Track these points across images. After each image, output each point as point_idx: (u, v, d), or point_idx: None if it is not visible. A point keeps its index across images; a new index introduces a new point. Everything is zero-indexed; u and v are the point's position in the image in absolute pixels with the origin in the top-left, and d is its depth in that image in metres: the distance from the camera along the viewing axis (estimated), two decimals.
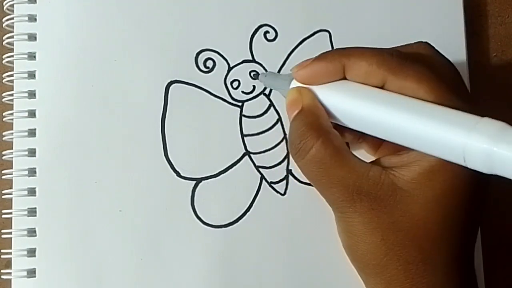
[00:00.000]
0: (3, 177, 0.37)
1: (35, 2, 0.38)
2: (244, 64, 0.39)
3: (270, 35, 0.39)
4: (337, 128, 0.31)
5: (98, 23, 0.38)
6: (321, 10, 0.40)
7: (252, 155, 0.38)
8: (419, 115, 0.27)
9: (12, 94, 0.37)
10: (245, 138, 0.38)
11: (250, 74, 0.39)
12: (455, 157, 0.26)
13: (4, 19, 0.38)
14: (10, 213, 0.36)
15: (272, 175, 0.38)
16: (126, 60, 0.38)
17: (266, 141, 0.38)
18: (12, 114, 0.37)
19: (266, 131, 0.38)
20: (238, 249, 0.37)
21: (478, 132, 0.25)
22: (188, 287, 0.37)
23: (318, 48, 0.39)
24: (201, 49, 0.39)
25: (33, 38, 0.38)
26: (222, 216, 0.38)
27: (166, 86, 0.38)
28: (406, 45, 0.33)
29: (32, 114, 0.37)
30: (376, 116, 0.29)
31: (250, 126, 0.38)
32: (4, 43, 0.38)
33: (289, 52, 0.39)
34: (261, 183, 0.38)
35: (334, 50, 0.31)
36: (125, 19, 0.39)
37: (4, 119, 0.38)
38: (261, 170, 0.38)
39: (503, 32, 0.43)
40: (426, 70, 0.29)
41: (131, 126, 0.38)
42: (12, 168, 0.37)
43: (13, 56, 0.38)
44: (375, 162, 0.31)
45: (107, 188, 0.37)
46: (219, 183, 0.38)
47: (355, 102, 0.30)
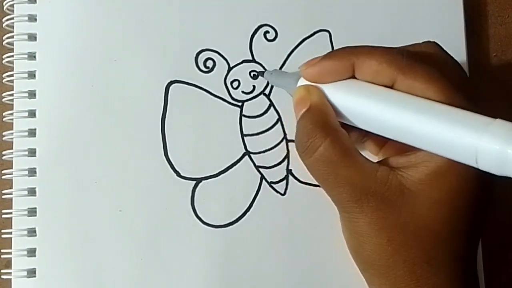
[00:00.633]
0: (3, 177, 0.37)
1: (35, 2, 0.38)
2: (244, 64, 0.39)
3: (270, 35, 0.39)
4: (345, 128, 0.31)
5: (98, 23, 0.38)
6: (321, 10, 0.40)
7: (252, 155, 0.38)
8: (431, 116, 0.27)
9: (12, 94, 0.37)
10: (245, 138, 0.38)
11: (250, 74, 0.39)
12: (467, 158, 0.26)
13: (4, 19, 0.38)
14: (10, 213, 0.36)
15: (272, 175, 0.38)
16: (126, 60, 0.38)
17: (266, 141, 0.38)
18: (12, 114, 0.37)
19: (266, 131, 0.38)
20: (238, 249, 0.37)
21: (491, 133, 0.25)
22: (188, 287, 0.37)
23: (318, 48, 0.39)
24: (201, 49, 0.39)
25: (33, 38, 0.38)
26: (222, 216, 0.38)
27: (166, 86, 0.38)
28: (414, 44, 0.33)
29: (32, 114, 0.37)
30: (385, 115, 0.29)
31: (250, 126, 0.38)
32: (4, 43, 0.38)
33: (289, 52, 0.39)
34: (261, 183, 0.38)
35: (343, 48, 0.31)
36: (125, 19, 0.39)
37: (4, 119, 0.38)
38: (261, 170, 0.38)
39: (503, 32, 0.43)
40: (436, 71, 0.29)
41: (131, 126, 0.38)
42: (12, 168, 0.37)
43: (13, 56, 0.38)
44: (382, 162, 0.31)
45: (107, 188, 0.37)
46: (219, 183, 0.38)
47: (365, 101, 0.29)
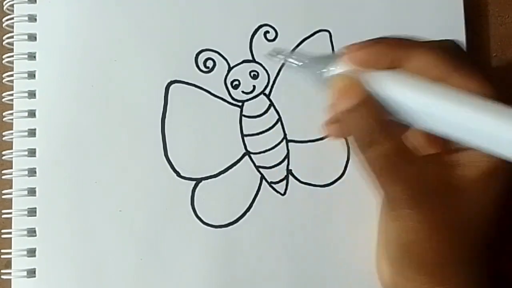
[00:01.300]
0: (3, 177, 0.37)
1: (35, 2, 0.38)
2: (244, 64, 0.39)
3: (270, 35, 0.39)
4: None
5: (98, 23, 0.38)
6: (321, 10, 0.40)
7: (252, 155, 0.38)
8: (489, 113, 0.26)
9: (12, 94, 0.37)
10: (245, 138, 0.38)
11: (250, 74, 0.39)
12: None
13: (4, 19, 0.38)
14: (10, 213, 0.36)
15: (272, 175, 0.38)
16: (126, 60, 0.38)
17: (266, 141, 0.38)
18: (12, 114, 0.37)
19: (266, 131, 0.38)
20: (238, 249, 0.37)
21: None
22: (188, 287, 0.37)
23: (318, 48, 0.39)
24: (201, 49, 0.39)
25: (33, 38, 0.38)
26: (222, 216, 0.38)
27: (166, 86, 0.38)
28: (434, 41, 0.32)
29: (32, 114, 0.37)
30: (441, 111, 0.27)
31: (250, 126, 0.38)
32: (4, 43, 0.38)
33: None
34: (261, 183, 0.38)
35: (395, 37, 0.30)
36: (125, 19, 0.39)
37: (4, 119, 0.38)
38: (261, 170, 0.38)
39: (503, 32, 0.43)
40: (482, 72, 0.29)
41: (131, 126, 0.38)
42: (12, 168, 0.37)
43: (13, 56, 0.38)
44: (433, 161, 0.30)
45: (107, 188, 0.37)
46: (219, 183, 0.38)
47: (418, 95, 0.28)
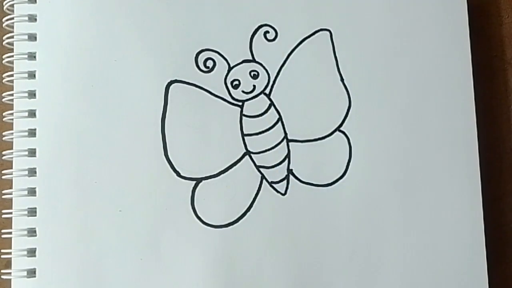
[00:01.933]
0: (3, 177, 0.37)
1: (35, 2, 0.38)
2: (244, 64, 0.39)
3: (270, 35, 0.39)
4: None
5: (98, 23, 0.38)
6: (321, 9, 0.40)
7: (252, 155, 0.38)
8: None
9: (12, 94, 0.37)
10: (245, 137, 0.38)
11: (250, 73, 0.39)
12: None
13: (4, 19, 0.38)
14: (10, 213, 0.36)
15: (272, 175, 0.38)
16: (126, 60, 0.38)
17: (267, 140, 0.38)
18: (12, 114, 0.37)
19: (266, 131, 0.38)
20: (238, 249, 0.37)
21: None
22: (188, 287, 0.37)
23: (318, 47, 0.39)
24: (201, 49, 0.39)
25: (33, 38, 0.38)
26: (223, 216, 0.38)
27: (166, 86, 0.38)
28: None
29: (32, 114, 0.37)
30: None
31: (251, 125, 0.38)
32: (4, 43, 0.38)
33: (289, 51, 0.39)
34: (261, 183, 0.38)
35: None
36: (125, 19, 0.39)
37: (4, 119, 0.38)
38: (261, 169, 0.38)
39: (503, 32, 0.43)
40: None
41: (131, 126, 0.38)
42: (12, 168, 0.37)
43: (13, 56, 0.38)
44: None
45: (107, 188, 0.37)
46: (219, 183, 0.38)
47: None
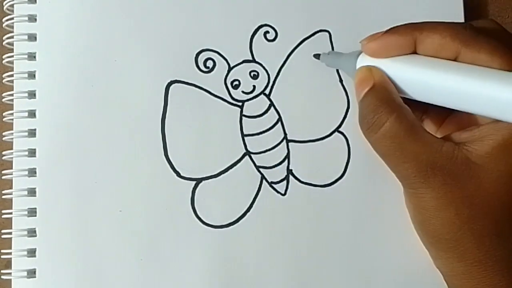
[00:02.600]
0: (3, 177, 0.37)
1: (35, 2, 0.38)
2: (244, 64, 0.39)
3: (270, 35, 0.39)
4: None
5: (98, 23, 0.38)
6: (321, 10, 0.40)
7: (252, 155, 0.38)
8: (498, 81, 0.27)
9: (12, 94, 0.37)
10: (245, 138, 0.38)
11: (250, 74, 0.39)
12: None
13: (4, 19, 0.38)
14: (10, 213, 0.36)
15: (272, 175, 0.38)
16: (126, 60, 0.38)
17: (267, 141, 0.38)
18: (12, 114, 0.37)
19: (266, 131, 0.38)
20: (238, 249, 0.37)
21: None
22: (188, 287, 0.37)
23: (318, 48, 0.39)
24: (201, 49, 0.39)
25: (33, 38, 0.38)
26: (222, 216, 0.38)
27: (166, 86, 0.38)
28: (474, 21, 0.33)
29: (32, 114, 0.37)
30: (451, 84, 0.29)
31: (250, 126, 0.38)
32: (4, 43, 0.38)
33: (289, 52, 0.39)
34: (261, 183, 0.38)
35: (406, 24, 0.31)
36: (125, 19, 0.39)
37: (4, 119, 0.38)
38: (261, 170, 0.38)
39: None
40: (499, 43, 0.29)
41: (131, 126, 0.38)
42: (12, 168, 0.37)
43: (13, 56, 0.38)
44: (446, 138, 0.31)
45: (107, 188, 0.37)
46: (219, 183, 0.38)
47: (428, 72, 0.30)
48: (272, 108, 0.39)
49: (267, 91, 0.39)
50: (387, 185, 0.38)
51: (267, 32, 0.39)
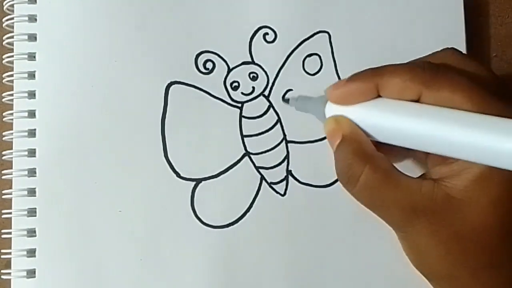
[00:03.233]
0: (3, 177, 0.37)
1: (35, 2, 0.38)
2: (243, 65, 0.39)
3: (270, 37, 0.39)
4: (382, 147, 0.31)
5: (98, 24, 0.38)
6: (320, 11, 0.40)
7: (252, 156, 0.38)
8: (462, 124, 0.27)
9: (12, 94, 0.37)
10: (245, 138, 0.38)
11: (250, 75, 0.39)
12: (507, 165, 0.26)
13: (4, 19, 0.38)
14: (10, 213, 0.36)
15: (272, 176, 0.38)
16: (126, 60, 0.38)
17: (266, 141, 0.38)
18: (12, 114, 0.37)
19: (265, 132, 0.38)
20: (238, 249, 0.37)
21: None
22: (187, 287, 0.37)
23: (317, 49, 0.39)
24: (200, 50, 0.39)
25: (33, 38, 0.38)
26: (222, 216, 0.38)
27: (166, 87, 0.38)
28: (434, 53, 0.33)
29: (32, 114, 0.37)
30: (415, 129, 0.29)
31: (250, 127, 0.38)
32: (4, 43, 0.38)
33: (288, 53, 0.39)
34: (261, 184, 0.38)
35: (367, 69, 0.31)
36: (125, 20, 0.39)
37: (4, 119, 0.38)
38: (261, 170, 0.38)
39: (503, 32, 0.43)
40: (460, 79, 0.29)
41: (131, 126, 0.38)
42: (12, 168, 0.37)
43: (13, 56, 0.38)
44: (425, 175, 0.31)
45: (107, 188, 0.37)
46: (219, 184, 0.38)
47: (393, 117, 0.30)
48: (271, 109, 0.39)
49: (266, 93, 0.39)
50: None
51: (267, 33, 0.39)
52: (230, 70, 0.39)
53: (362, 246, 0.38)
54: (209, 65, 0.39)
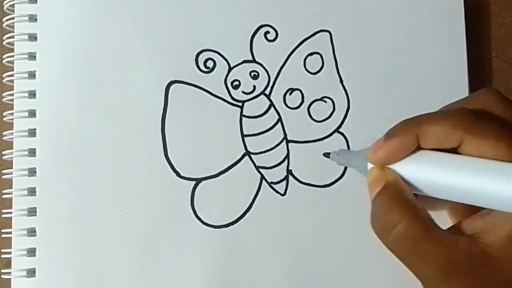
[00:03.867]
0: (3, 177, 0.37)
1: (36, 2, 0.38)
2: (244, 64, 0.39)
3: (271, 35, 0.39)
4: (420, 197, 0.31)
5: (98, 23, 0.38)
6: (321, 10, 0.40)
7: (252, 155, 0.38)
8: (504, 176, 0.27)
9: (12, 94, 0.37)
10: (245, 138, 0.38)
11: (250, 74, 0.39)
12: None
13: (4, 19, 0.38)
14: (10, 213, 0.36)
15: (272, 175, 0.38)
16: (126, 60, 0.38)
17: (266, 141, 0.38)
18: (12, 114, 0.37)
19: (266, 131, 0.38)
20: (238, 249, 0.37)
21: None
22: (188, 287, 0.37)
23: (319, 48, 0.39)
24: (201, 49, 0.39)
25: (33, 38, 0.38)
26: (222, 216, 0.38)
27: (167, 86, 0.38)
28: (475, 94, 0.32)
29: (32, 114, 0.37)
30: (457, 183, 0.28)
31: (250, 126, 0.38)
32: (4, 43, 0.38)
33: (289, 52, 0.39)
34: (261, 183, 0.38)
35: (403, 122, 0.31)
36: (125, 19, 0.39)
37: (4, 119, 0.38)
38: (261, 170, 0.38)
39: (503, 32, 0.43)
40: (502, 128, 0.28)
41: (131, 126, 0.38)
42: (12, 168, 0.37)
43: (13, 56, 0.38)
44: (460, 229, 0.30)
45: (107, 188, 0.37)
46: (219, 183, 0.38)
47: (437, 172, 0.29)
48: (272, 108, 0.39)
49: (267, 91, 0.39)
50: None
51: (268, 32, 0.39)
52: (231, 69, 0.39)
53: (362, 246, 0.38)
54: (209, 63, 0.39)
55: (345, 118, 0.39)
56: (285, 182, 0.38)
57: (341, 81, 0.39)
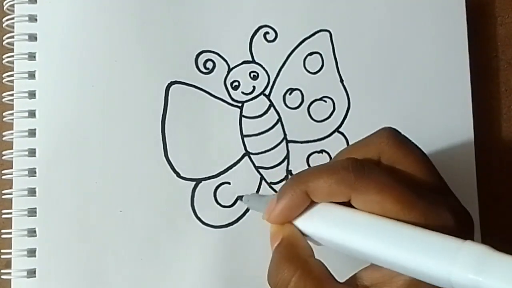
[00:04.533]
0: (3, 177, 0.37)
1: (36, 2, 0.38)
2: (244, 65, 0.39)
3: (270, 36, 0.39)
4: None
5: (98, 24, 0.38)
6: (321, 10, 0.40)
7: (252, 156, 0.38)
8: (396, 241, 0.27)
9: (12, 94, 0.37)
10: (245, 138, 0.38)
11: (250, 74, 0.39)
12: (443, 284, 0.25)
13: (4, 19, 0.38)
14: (10, 213, 0.36)
15: (271, 176, 0.38)
16: (126, 60, 0.38)
17: (266, 141, 0.38)
18: (12, 114, 0.37)
19: (266, 132, 0.38)
20: (238, 249, 0.37)
21: (462, 261, 0.24)
22: (188, 287, 0.37)
23: (318, 48, 0.39)
24: (201, 50, 0.39)
25: (33, 38, 0.38)
26: (222, 216, 0.38)
27: (166, 86, 0.38)
28: (368, 137, 0.31)
29: (32, 114, 0.37)
30: (345, 240, 0.28)
31: (250, 126, 0.38)
32: (4, 43, 0.38)
33: (289, 52, 0.39)
34: (260, 184, 0.38)
35: (290, 180, 0.31)
36: (125, 20, 0.39)
37: (4, 119, 0.38)
38: (260, 170, 0.38)
39: (503, 32, 0.43)
40: (387, 178, 0.28)
41: (131, 126, 0.38)
42: (12, 168, 0.37)
43: (13, 56, 0.38)
44: (358, 279, 0.30)
45: (107, 188, 0.37)
46: (219, 183, 0.38)
47: (328, 228, 0.29)
48: (272, 108, 0.39)
49: (267, 92, 0.39)
50: None
51: (267, 33, 0.39)
52: (230, 70, 0.39)
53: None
54: (209, 64, 0.39)
55: (345, 118, 0.39)
56: (284, 182, 0.38)
57: (341, 80, 0.39)
